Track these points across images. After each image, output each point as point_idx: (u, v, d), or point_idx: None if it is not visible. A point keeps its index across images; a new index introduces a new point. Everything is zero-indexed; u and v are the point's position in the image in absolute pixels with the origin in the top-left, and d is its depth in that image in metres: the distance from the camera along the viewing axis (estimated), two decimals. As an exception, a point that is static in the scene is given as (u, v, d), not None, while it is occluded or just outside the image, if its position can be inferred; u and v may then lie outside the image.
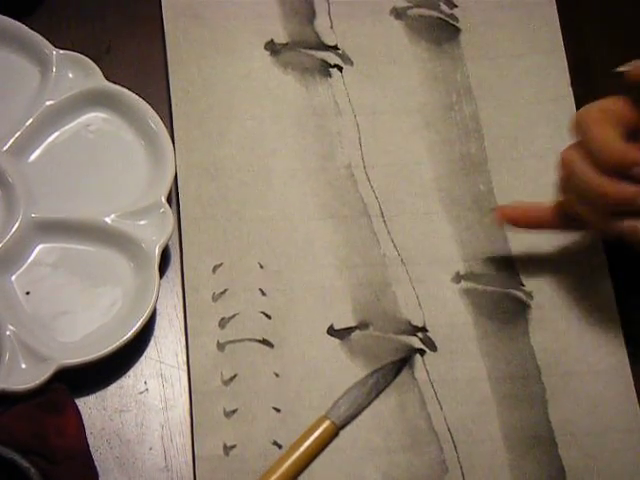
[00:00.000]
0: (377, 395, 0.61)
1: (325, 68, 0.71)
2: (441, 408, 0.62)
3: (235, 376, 0.62)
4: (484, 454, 0.61)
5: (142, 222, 0.64)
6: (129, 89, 0.66)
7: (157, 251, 0.62)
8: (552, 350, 0.64)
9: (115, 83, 0.67)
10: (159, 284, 0.62)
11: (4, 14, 0.67)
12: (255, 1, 0.72)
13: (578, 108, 0.70)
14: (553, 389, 0.63)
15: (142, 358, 0.62)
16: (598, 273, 0.66)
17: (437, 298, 0.65)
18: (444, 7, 0.73)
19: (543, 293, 0.65)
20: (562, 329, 0.64)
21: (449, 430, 0.61)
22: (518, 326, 0.64)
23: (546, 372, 0.63)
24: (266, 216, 0.66)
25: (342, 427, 0.61)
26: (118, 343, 0.60)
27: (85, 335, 0.61)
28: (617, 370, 0.63)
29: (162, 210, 0.64)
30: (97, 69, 0.67)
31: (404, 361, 0.62)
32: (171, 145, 0.66)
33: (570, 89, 0.71)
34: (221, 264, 0.65)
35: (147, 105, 0.66)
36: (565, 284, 0.65)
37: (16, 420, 0.58)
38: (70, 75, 0.67)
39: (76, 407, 0.59)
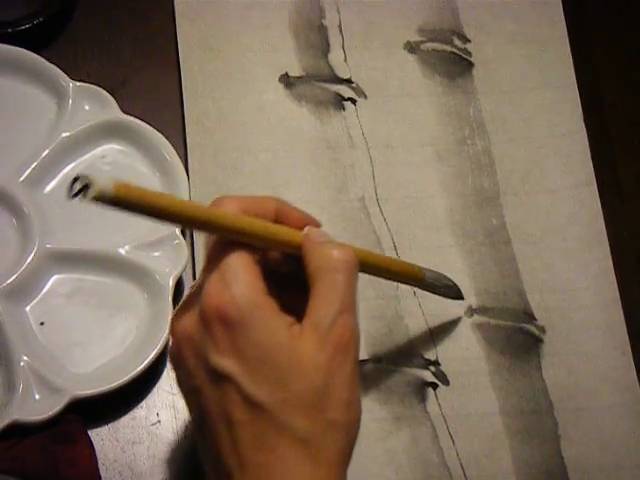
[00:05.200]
0: None
1: (339, 101, 0.71)
2: (453, 442, 0.62)
3: (247, 408, 0.62)
4: (496, 489, 0.61)
5: (156, 253, 0.64)
6: (144, 121, 0.67)
7: (171, 282, 0.63)
8: (564, 385, 0.64)
9: (131, 115, 0.67)
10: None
11: (21, 46, 0.68)
12: (270, 34, 0.73)
13: (591, 143, 0.70)
14: (565, 424, 0.63)
15: (155, 389, 0.62)
16: (611, 308, 0.66)
17: (449, 332, 0.65)
18: (457, 41, 0.74)
19: (555, 328, 0.65)
20: (574, 364, 0.64)
21: (461, 465, 0.61)
22: (530, 360, 0.64)
23: (558, 407, 0.63)
24: (279, 248, 0.66)
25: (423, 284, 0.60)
26: (131, 375, 0.60)
27: (99, 366, 0.61)
28: (629, 406, 0.63)
29: (176, 242, 0.64)
30: (113, 101, 0.67)
31: None
32: (185, 177, 0.66)
33: (582, 124, 0.71)
34: (234, 296, 0.65)
35: (162, 137, 0.67)
36: (577, 319, 0.65)
37: (29, 451, 0.58)
38: (86, 107, 0.67)
39: (89, 438, 0.59)
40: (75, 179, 0.42)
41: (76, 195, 0.42)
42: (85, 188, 0.42)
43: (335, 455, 0.48)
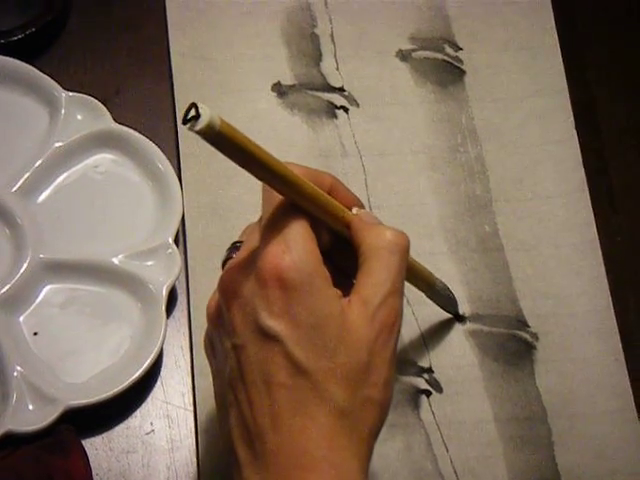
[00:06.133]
0: None
1: (331, 109, 0.71)
2: (447, 450, 0.62)
3: (241, 417, 0.62)
4: (490, 497, 0.61)
5: (149, 263, 0.64)
6: (137, 131, 0.67)
7: (164, 292, 0.63)
8: (558, 392, 0.64)
9: (123, 125, 0.67)
10: (166, 324, 0.62)
11: (14, 56, 0.68)
12: (262, 43, 0.73)
13: (583, 149, 0.70)
14: (559, 431, 0.63)
15: (148, 399, 0.62)
16: (604, 314, 0.66)
17: (443, 339, 0.65)
18: (449, 49, 0.74)
19: (548, 334, 0.65)
20: (568, 371, 0.64)
21: (455, 472, 0.61)
22: (524, 367, 0.64)
23: (552, 414, 0.63)
24: (273, 257, 0.66)
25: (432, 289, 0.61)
26: (125, 384, 0.60)
27: (92, 376, 0.61)
28: (623, 412, 0.63)
29: (169, 251, 0.64)
30: (106, 111, 0.67)
31: None
32: (179, 186, 0.66)
33: (574, 131, 0.71)
34: (228, 304, 0.65)
35: (155, 146, 0.67)
36: (570, 325, 0.66)
37: (23, 461, 0.58)
38: (79, 117, 0.67)
39: (83, 449, 0.59)
40: (192, 105, 0.43)
41: (186, 122, 0.43)
42: (196, 118, 0.43)
43: (368, 430, 0.49)
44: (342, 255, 0.52)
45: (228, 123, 0.44)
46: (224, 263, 0.54)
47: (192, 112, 0.43)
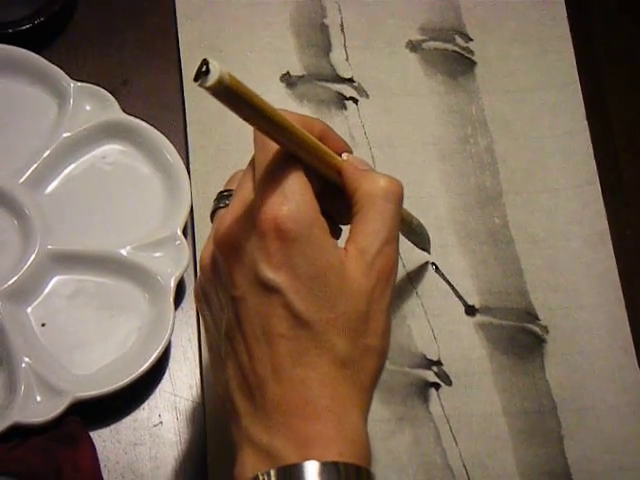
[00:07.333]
0: None
1: (341, 100, 0.71)
2: (456, 443, 0.62)
3: (250, 409, 0.62)
4: (499, 490, 0.61)
5: (158, 254, 0.64)
6: (146, 121, 0.67)
7: (172, 283, 0.63)
8: (568, 385, 0.63)
9: (132, 115, 0.67)
10: (174, 316, 0.62)
11: (22, 47, 0.68)
12: (271, 34, 0.72)
13: (594, 142, 0.70)
14: (569, 425, 0.62)
15: (156, 391, 0.62)
16: (614, 307, 0.66)
17: (452, 332, 0.65)
18: (459, 40, 0.73)
19: (558, 327, 0.65)
20: (578, 364, 0.64)
21: (464, 466, 0.61)
22: (534, 360, 0.64)
23: (562, 407, 0.63)
24: (281, 248, 0.66)
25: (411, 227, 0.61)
26: (133, 376, 0.60)
27: (100, 368, 0.61)
28: (633, 406, 0.63)
29: (178, 242, 0.64)
30: (114, 101, 0.67)
31: None
32: (187, 177, 0.66)
33: (585, 123, 0.71)
34: (236, 296, 0.64)
35: (163, 137, 0.66)
36: (580, 318, 0.65)
37: (31, 453, 0.57)
38: (87, 107, 0.67)
39: (91, 440, 0.59)
40: (204, 61, 0.43)
41: (198, 79, 0.43)
42: (206, 74, 0.43)
43: (368, 379, 0.49)
44: (331, 202, 0.51)
45: (235, 78, 0.43)
46: (213, 214, 0.54)
47: (203, 68, 0.43)
